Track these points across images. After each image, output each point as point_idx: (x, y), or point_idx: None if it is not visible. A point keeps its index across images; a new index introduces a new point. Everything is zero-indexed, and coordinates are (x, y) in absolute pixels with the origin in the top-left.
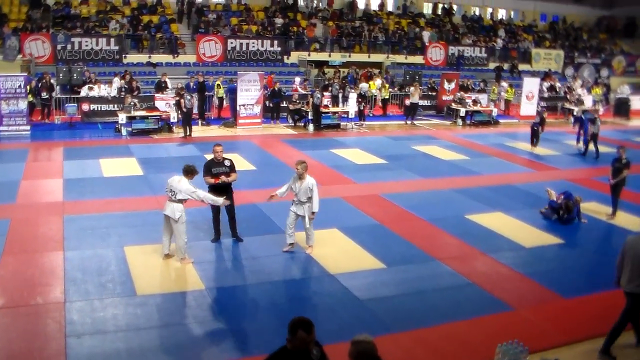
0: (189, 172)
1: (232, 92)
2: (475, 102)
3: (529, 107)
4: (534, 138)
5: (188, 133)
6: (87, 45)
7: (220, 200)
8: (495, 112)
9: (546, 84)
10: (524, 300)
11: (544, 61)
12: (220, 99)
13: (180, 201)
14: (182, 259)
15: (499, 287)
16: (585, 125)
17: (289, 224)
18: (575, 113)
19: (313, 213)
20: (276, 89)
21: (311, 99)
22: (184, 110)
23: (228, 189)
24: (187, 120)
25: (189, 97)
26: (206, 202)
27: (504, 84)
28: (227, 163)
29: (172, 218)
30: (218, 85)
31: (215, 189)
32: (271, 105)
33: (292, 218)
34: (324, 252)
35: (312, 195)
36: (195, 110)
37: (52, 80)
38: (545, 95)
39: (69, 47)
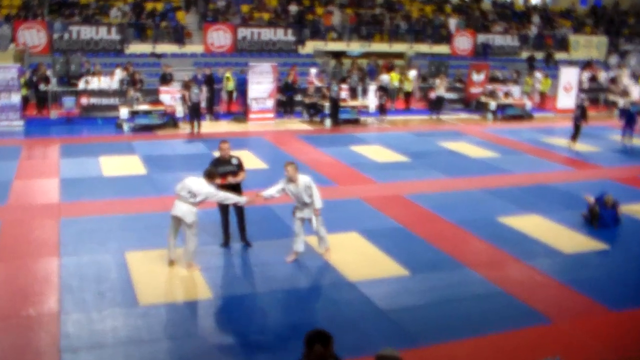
0: (211, 176)
1: (242, 84)
2: (507, 94)
3: (566, 100)
4: (576, 133)
5: (196, 129)
6: (86, 35)
7: (243, 200)
8: (529, 105)
9: (587, 74)
10: (563, 311)
11: (584, 49)
12: (230, 93)
13: (196, 204)
14: (189, 264)
15: (534, 296)
16: (632, 118)
17: (297, 232)
18: (621, 105)
19: (317, 210)
20: (289, 81)
21: (328, 92)
22: (190, 104)
23: (236, 189)
24: (194, 115)
25: (196, 90)
26: (229, 203)
27: (538, 74)
28: (234, 161)
29: (184, 221)
30: (227, 77)
31: (222, 186)
32: (284, 99)
33: (298, 224)
34: (342, 257)
35: (312, 192)
36: (203, 105)
37: (47, 72)
38: (586, 86)
39: (66, 36)
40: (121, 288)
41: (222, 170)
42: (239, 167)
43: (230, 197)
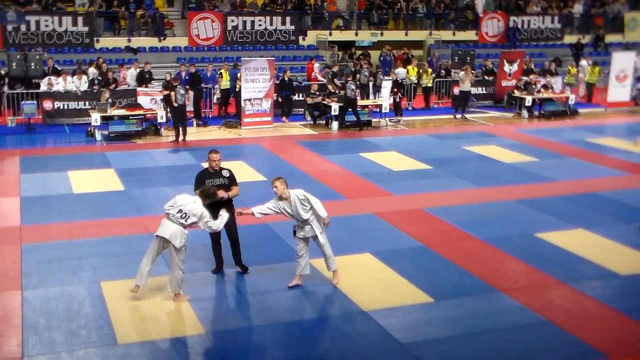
0: (208, 196)
1: (233, 81)
2: (545, 87)
3: (620, 91)
4: None
5: (182, 137)
6: (47, 26)
7: (227, 217)
8: (572, 99)
9: None
10: (622, 345)
11: None
12: (225, 92)
13: (186, 226)
14: (176, 294)
15: (585, 327)
16: None
17: (300, 254)
18: None
19: (326, 218)
20: (286, 79)
21: (337, 90)
22: (176, 106)
23: (228, 206)
24: (179, 119)
25: (182, 90)
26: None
27: (584, 62)
28: (225, 174)
29: (172, 244)
30: (220, 74)
31: (210, 207)
32: (280, 99)
33: (300, 246)
34: (354, 283)
35: (311, 204)
36: (189, 108)
37: (1, 71)
38: None
39: (23, 27)
40: (96, 324)
41: (210, 184)
42: (231, 180)
43: (220, 225)
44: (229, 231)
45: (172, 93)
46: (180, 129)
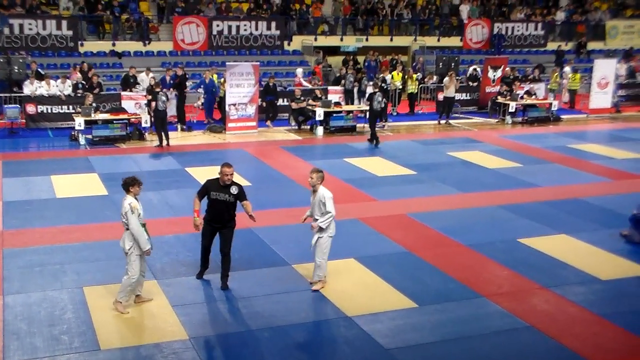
0: (129, 186)
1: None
2: (529, 93)
3: (601, 98)
4: None
5: (165, 142)
6: (30, 29)
7: (145, 247)
8: (555, 105)
9: (626, 67)
10: (604, 350)
11: (624, 36)
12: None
13: (127, 227)
14: (117, 301)
15: (567, 332)
16: None
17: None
18: None
19: (315, 225)
20: (271, 84)
21: (368, 104)
22: (159, 110)
23: (229, 217)
24: (161, 124)
25: (164, 97)
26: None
27: (567, 68)
28: (233, 191)
29: (123, 249)
30: (217, 80)
31: (212, 215)
32: (264, 104)
33: (313, 241)
34: (338, 288)
35: (324, 210)
36: (172, 113)
37: None
38: (624, 81)
39: (6, 31)
40: (79, 330)
41: (214, 196)
42: (238, 197)
43: (140, 237)
44: (222, 243)
45: (153, 102)
46: (163, 133)
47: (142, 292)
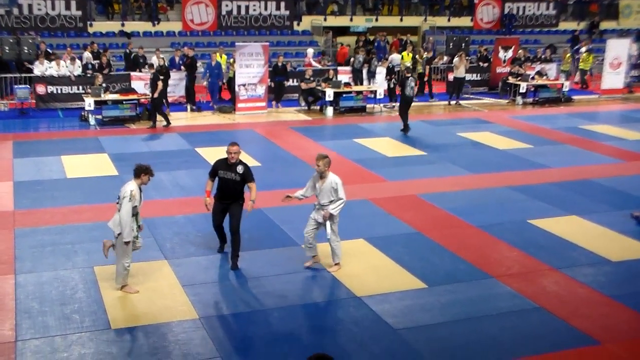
0: (141, 173)
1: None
2: (540, 74)
3: (613, 79)
4: None
5: (152, 124)
6: (40, 10)
7: (127, 239)
8: (566, 86)
9: (639, 46)
10: (612, 331)
11: (637, 16)
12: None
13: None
14: (122, 287)
15: (576, 313)
16: None
17: (308, 235)
18: None
19: (327, 212)
20: (280, 64)
21: (401, 89)
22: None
23: (238, 195)
24: (156, 106)
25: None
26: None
27: (583, 48)
28: (239, 170)
29: (112, 232)
30: (227, 60)
31: (221, 193)
32: (272, 84)
33: (310, 227)
34: (348, 269)
35: (336, 197)
36: (181, 93)
37: None
38: (637, 61)
39: (15, 11)
40: (90, 309)
41: (222, 175)
42: (243, 177)
43: (126, 227)
44: (231, 219)
45: (159, 83)
46: (156, 116)
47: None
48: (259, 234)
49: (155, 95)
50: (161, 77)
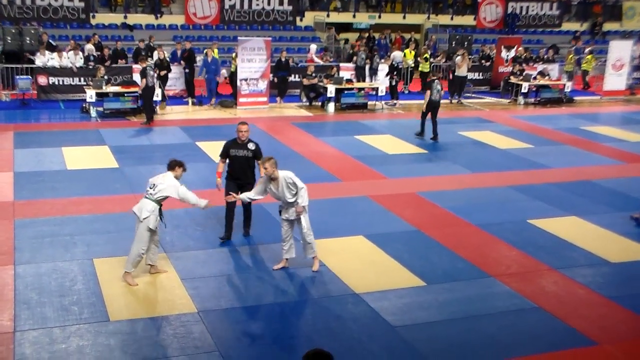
0: (176, 166)
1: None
2: (542, 74)
3: (615, 80)
4: None
5: (146, 120)
6: (42, 0)
7: (202, 203)
8: (568, 87)
9: None
10: (610, 332)
11: None
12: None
13: (156, 201)
14: (125, 273)
15: (575, 313)
16: None
17: (284, 236)
18: None
19: (300, 207)
20: (282, 59)
21: (430, 92)
22: (148, 86)
23: (251, 174)
24: (147, 101)
25: (152, 72)
26: (188, 203)
27: (587, 49)
28: (251, 147)
29: (137, 217)
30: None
31: (235, 172)
32: (275, 80)
33: (285, 228)
34: (346, 265)
35: (296, 189)
36: (182, 87)
37: None
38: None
39: (18, 1)
40: (89, 301)
41: (233, 153)
42: (255, 154)
43: (190, 197)
44: (245, 204)
45: (143, 79)
46: (149, 111)
47: (157, 264)
48: (259, 230)
49: (139, 90)
50: (152, 73)
